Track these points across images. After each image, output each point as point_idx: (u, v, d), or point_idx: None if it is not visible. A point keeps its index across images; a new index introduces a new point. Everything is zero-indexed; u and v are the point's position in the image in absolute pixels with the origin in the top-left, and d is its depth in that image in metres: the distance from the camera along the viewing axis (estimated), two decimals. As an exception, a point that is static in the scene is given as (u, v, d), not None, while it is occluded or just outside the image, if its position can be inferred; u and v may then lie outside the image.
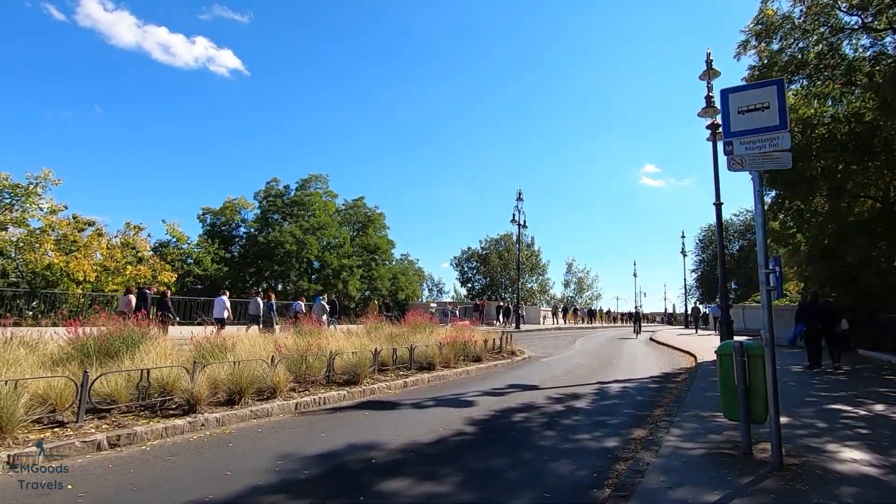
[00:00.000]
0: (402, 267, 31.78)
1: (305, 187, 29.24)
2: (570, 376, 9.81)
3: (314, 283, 25.02)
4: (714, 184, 13.71)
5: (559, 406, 6.81)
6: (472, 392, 7.54)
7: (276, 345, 6.69)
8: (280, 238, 24.81)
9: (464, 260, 62.13)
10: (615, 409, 6.74)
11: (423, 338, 10.69)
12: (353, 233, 30.79)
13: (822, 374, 9.98)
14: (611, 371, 10.95)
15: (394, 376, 8.06)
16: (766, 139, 4.30)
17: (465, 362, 10.23)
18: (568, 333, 25.82)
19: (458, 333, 11.23)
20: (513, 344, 13.26)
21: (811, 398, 7.30)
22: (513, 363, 11.40)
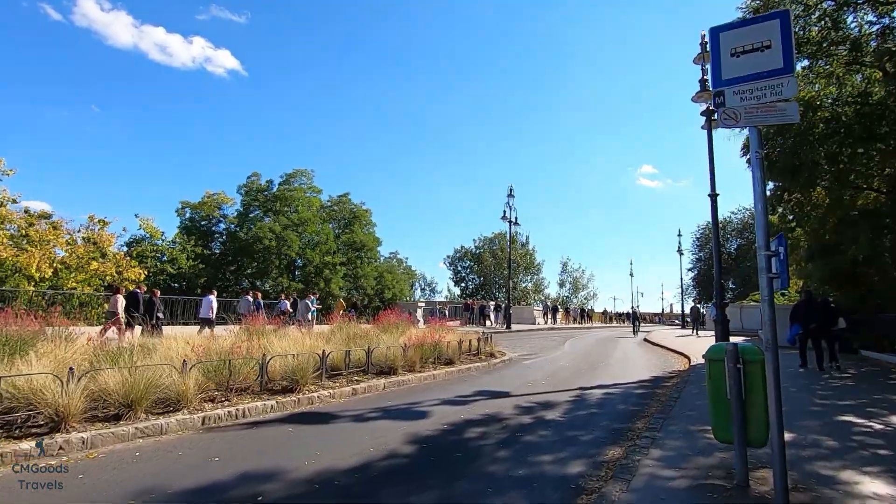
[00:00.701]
0: (389, 265, 30.82)
1: (289, 182, 28.27)
2: (549, 381, 8.92)
3: (295, 282, 24.08)
4: (709, 174, 12.85)
5: (526, 418, 5.90)
6: (429, 401, 6.62)
7: (195, 347, 5.76)
8: (259, 234, 23.82)
9: (457, 259, 61.36)
10: (591, 422, 5.84)
11: (392, 339, 9.77)
12: (339, 230, 29.84)
13: (826, 379, 9.12)
14: (596, 375, 10.06)
15: (344, 382, 7.14)
16: (767, 86, 3.40)
17: (434, 366, 9.32)
18: (560, 334, 24.95)
19: (428, 334, 10.31)
20: (492, 346, 12.36)
21: (816, 407, 6.42)
22: (489, 366, 10.49)
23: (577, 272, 65.22)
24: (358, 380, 7.30)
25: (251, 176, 27.70)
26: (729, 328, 21.59)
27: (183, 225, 25.95)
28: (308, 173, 29.30)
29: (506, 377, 9.29)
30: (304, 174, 29.10)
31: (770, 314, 3.17)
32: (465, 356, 10.93)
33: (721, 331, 12.18)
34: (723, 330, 12.21)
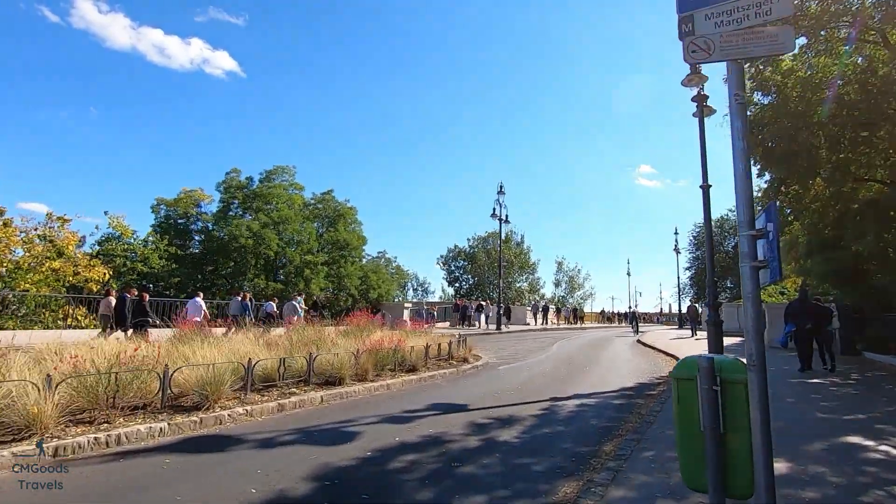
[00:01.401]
0: (374, 265, 29.82)
1: (270, 179, 27.31)
2: (520, 390, 8.01)
3: (274, 282, 23.14)
4: (701, 164, 11.95)
5: (475, 440, 5.00)
6: (367, 418, 5.71)
7: (72, 358, 4.83)
8: (235, 232, 22.85)
9: (451, 259, 60.43)
10: (551, 444, 4.94)
11: (350, 343, 8.86)
12: (322, 228, 28.88)
13: (828, 387, 8.25)
14: (576, 382, 9.17)
15: (276, 395, 6.22)
16: (751, 5, 2.48)
17: (392, 374, 8.41)
18: (551, 335, 24.07)
19: (392, 338, 9.41)
20: (467, 350, 11.44)
21: (817, 424, 5.53)
22: (458, 373, 9.58)
23: (573, 272, 64.38)
24: (292, 392, 6.38)
25: (230, 172, 26.80)
26: (723, 329, 20.76)
27: (158, 223, 25.00)
28: (290, 170, 28.37)
29: (472, 386, 8.39)
30: (285, 171, 28.17)
31: (755, 315, 2.27)
32: (434, 362, 10.02)
33: (714, 332, 11.31)
34: (716, 332, 11.34)
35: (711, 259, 11.74)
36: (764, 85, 10.56)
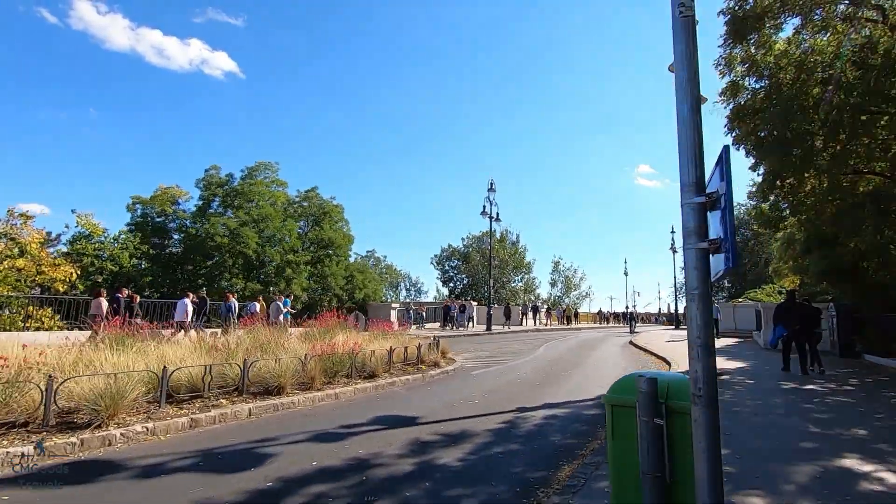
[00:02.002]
0: (361, 264, 29.02)
1: (252, 176, 26.53)
2: (486, 399, 7.31)
3: (252, 282, 22.40)
4: (690, 154, 11.31)
5: (410, 462, 4.29)
6: (293, 436, 4.99)
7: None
8: (211, 230, 22.07)
9: (444, 258, 59.70)
10: (498, 468, 4.23)
11: (308, 347, 8.14)
12: (307, 227, 28.11)
13: (823, 395, 7.56)
14: (552, 388, 8.47)
15: (196, 408, 5.50)
16: None
17: (347, 381, 7.69)
18: (542, 336, 23.39)
19: (350, 341, 8.70)
20: (438, 353, 10.74)
21: (808, 440, 4.84)
22: (424, 379, 8.87)
23: (570, 271, 63.68)
24: (216, 405, 5.66)
25: (209, 169, 25.94)
26: (719, 329, 19.97)
27: (134, 221, 24.17)
28: (272, 166, 27.55)
29: (433, 395, 7.67)
30: (267, 167, 27.34)
31: (702, 323, 1.58)
32: (400, 367, 9.31)
33: (703, 334, 10.64)
34: (705, 333, 10.66)
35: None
36: (755, 69, 9.89)
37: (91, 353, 5.90)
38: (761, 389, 8.08)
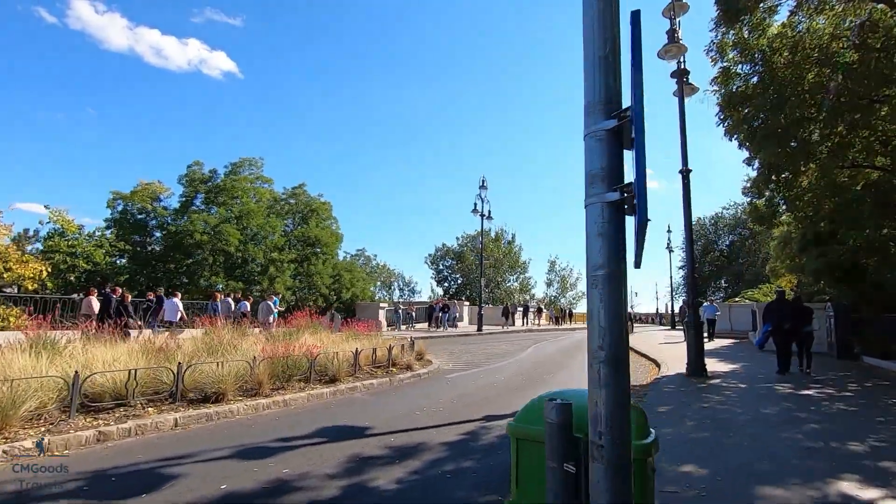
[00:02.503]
0: (349, 263, 28.35)
1: (236, 172, 25.86)
2: (453, 406, 6.74)
3: (234, 281, 21.75)
4: (680, 147, 10.74)
5: (338, 486, 3.71)
6: (216, 451, 4.40)
7: None
8: (190, 227, 21.40)
9: (439, 258, 59.09)
10: (441, 492, 3.67)
11: (270, 348, 7.54)
12: (293, 224, 27.47)
13: (818, 401, 7.00)
14: (530, 392, 7.85)
15: (115, 418, 4.90)
16: None
17: (303, 385, 7.09)
18: (534, 336, 22.85)
19: (315, 343, 8.10)
20: (412, 355, 10.15)
21: (803, 457, 4.26)
22: (391, 384, 8.27)
23: (566, 271, 63.07)
24: (137, 415, 5.05)
25: (192, 165, 25.21)
26: (714, 329, 19.29)
27: (113, 217, 23.50)
28: (257, 162, 26.87)
29: (396, 401, 7.08)
30: (252, 163, 26.67)
31: (613, 318, 1.00)
32: (368, 370, 8.71)
33: (694, 337, 10.06)
34: (696, 335, 10.09)
35: (691, 251, 10.53)
36: (747, 53, 9.34)
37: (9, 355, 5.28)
38: (754, 395, 7.52)
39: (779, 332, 9.51)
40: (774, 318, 9.56)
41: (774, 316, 9.62)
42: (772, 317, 9.71)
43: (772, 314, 9.77)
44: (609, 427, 0.91)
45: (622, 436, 0.92)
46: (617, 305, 0.96)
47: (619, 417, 0.89)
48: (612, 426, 0.92)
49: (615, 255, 0.96)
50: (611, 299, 0.97)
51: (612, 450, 0.92)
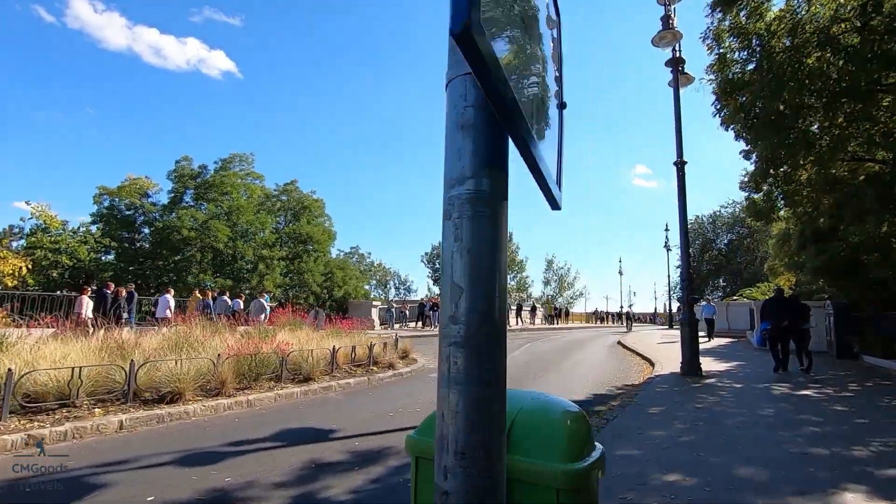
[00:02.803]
0: (341, 261, 27.91)
1: (226, 168, 25.42)
2: (431, 408, 6.33)
3: (223, 278, 21.31)
4: (676, 138, 10.38)
5: (285, 496, 3.33)
6: (160, 456, 4.01)
7: None
8: (177, 223, 20.95)
9: (435, 256, 58.68)
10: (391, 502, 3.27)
11: (243, 346, 7.15)
12: (285, 221, 27.04)
13: (818, 402, 6.65)
14: (514, 394, 7.49)
15: (54, 420, 4.50)
16: None
17: (274, 385, 6.71)
18: (529, 336, 22.49)
19: (282, 340, 7.71)
20: (396, 353, 9.77)
21: (802, 463, 3.89)
22: (369, 383, 7.88)
23: (563, 270, 62.71)
24: (81, 416, 4.66)
25: (180, 160, 24.72)
26: (713, 329, 18.91)
27: (100, 213, 23.03)
28: (247, 158, 26.42)
29: (371, 402, 6.69)
30: (243, 159, 26.22)
31: (471, 279, 0.61)
32: (347, 369, 8.33)
33: (689, 335, 9.69)
34: (690, 333, 9.72)
35: (686, 246, 10.16)
36: (745, 39, 8.97)
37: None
38: (750, 395, 7.16)
39: (776, 330, 9.41)
40: (772, 316, 9.46)
41: (772, 314, 9.52)
42: (769, 315, 9.61)
43: (769, 312, 9.66)
44: (462, 454, 0.53)
45: (488, 467, 0.54)
46: (486, 247, 0.58)
47: (482, 438, 0.51)
48: (469, 451, 0.54)
49: (485, 162, 0.59)
50: (475, 236, 0.58)
51: (467, 490, 0.54)
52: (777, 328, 9.39)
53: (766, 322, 9.79)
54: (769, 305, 9.91)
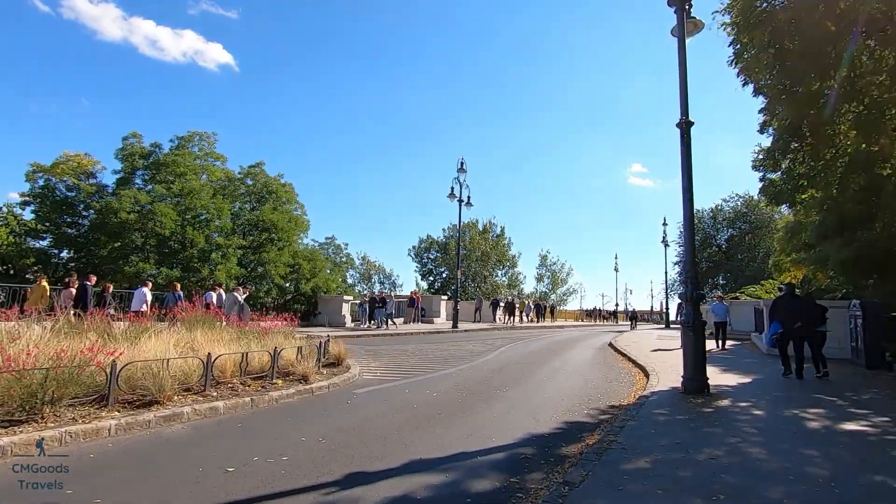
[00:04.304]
0: (310, 251, 25.58)
1: (184, 147, 23.12)
2: (315, 452, 4.28)
3: (168, 268, 19.05)
4: (680, 92, 8.24)
5: None
6: None
7: None
8: (115, 205, 18.65)
9: (423, 250, 56.57)
10: None
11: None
12: (249, 207, 24.76)
13: (875, 438, 4.56)
14: (454, 425, 5.43)
15: None
16: None
17: (91, 410, 4.56)
18: (510, 335, 20.43)
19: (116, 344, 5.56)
20: (316, 362, 7.63)
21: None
22: (254, 406, 5.72)
23: (557, 266, 60.65)
24: None
25: (128, 137, 22.31)
26: (725, 334, 16.57)
27: (33, 193, 20.73)
28: (208, 136, 24.06)
29: (223, 442, 4.55)
30: (203, 138, 23.85)
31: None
32: (237, 383, 6.19)
33: (693, 341, 7.60)
34: (695, 339, 7.63)
35: (691, 229, 8.07)
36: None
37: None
38: (781, 430, 5.11)
39: (789, 332, 8.65)
40: (784, 317, 8.69)
41: (784, 314, 8.73)
42: (781, 315, 8.81)
43: (780, 312, 8.84)
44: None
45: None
46: None
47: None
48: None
49: None
50: None
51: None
52: (790, 330, 8.58)
53: (776, 323, 8.87)
54: (780, 305, 8.97)
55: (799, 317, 8.59)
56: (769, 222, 42.84)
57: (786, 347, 8.89)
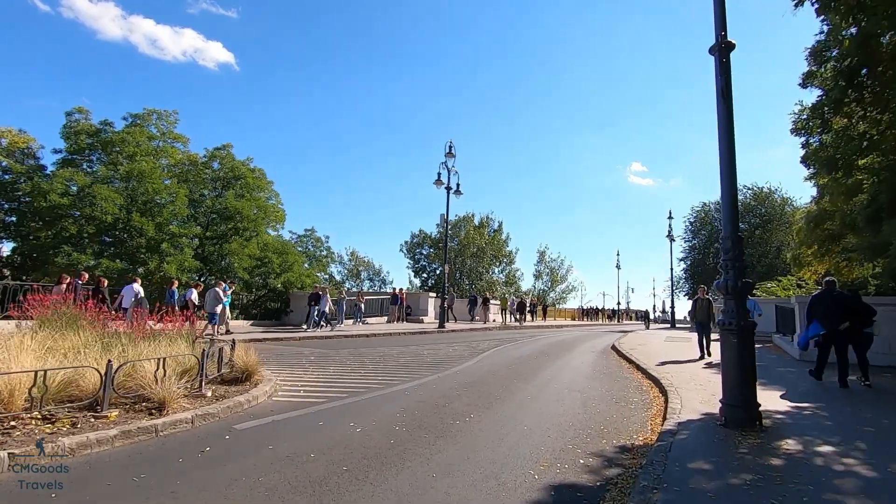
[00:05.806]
0: (281, 244, 23.16)
1: (139, 125, 20.79)
2: None
3: (110, 259, 16.72)
4: (714, 8, 5.96)
5: None
6: None
7: None
8: (45, 187, 16.31)
9: (415, 245, 54.38)
10: None
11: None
12: (215, 193, 22.44)
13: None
14: (377, 496, 3.12)
15: None
16: None
17: None
18: (499, 336, 18.18)
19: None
20: (197, 380, 5.35)
21: None
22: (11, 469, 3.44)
23: (555, 262, 58.37)
24: None
25: (73, 112, 19.94)
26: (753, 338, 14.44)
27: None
28: (168, 116, 21.73)
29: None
30: (162, 117, 21.52)
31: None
32: (62, 415, 3.91)
33: (738, 351, 5.34)
34: (740, 348, 5.34)
35: (733, 187, 5.82)
36: None
37: None
38: None
39: (834, 334, 7.79)
40: (826, 317, 7.82)
41: (826, 314, 7.82)
42: (822, 315, 7.92)
43: (821, 312, 7.96)
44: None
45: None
46: None
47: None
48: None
49: None
50: None
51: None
52: (834, 332, 7.72)
53: (815, 323, 7.93)
54: (819, 303, 8.07)
55: (843, 317, 7.64)
56: (781, 215, 40.58)
57: (828, 352, 8.05)
